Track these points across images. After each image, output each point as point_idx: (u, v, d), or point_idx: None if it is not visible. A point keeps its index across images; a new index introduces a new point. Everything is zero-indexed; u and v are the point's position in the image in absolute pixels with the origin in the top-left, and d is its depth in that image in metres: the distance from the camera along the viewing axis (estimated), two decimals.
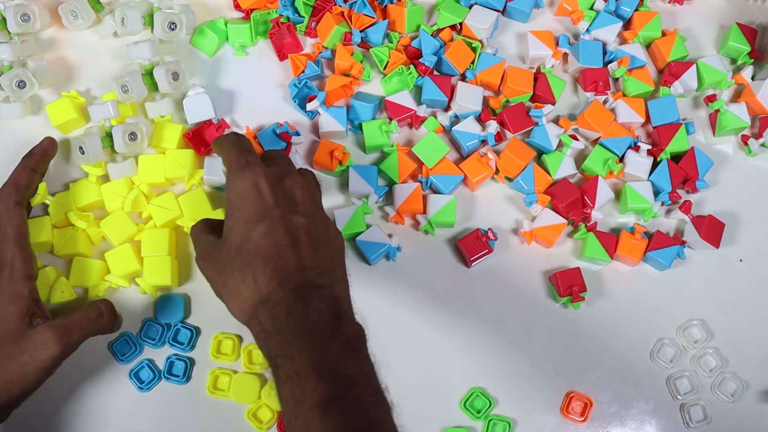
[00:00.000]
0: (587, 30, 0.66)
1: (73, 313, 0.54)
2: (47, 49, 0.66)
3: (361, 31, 0.64)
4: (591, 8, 0.67)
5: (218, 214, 0.60)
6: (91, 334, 0.54)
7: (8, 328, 0.52)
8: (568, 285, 0.59)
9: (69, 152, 0.62)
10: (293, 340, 0.43)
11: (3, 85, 0.60)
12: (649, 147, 0.62)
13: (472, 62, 0.65)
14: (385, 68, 0.64)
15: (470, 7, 0.66)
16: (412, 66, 0.64)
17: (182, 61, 0.63)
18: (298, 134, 0.62)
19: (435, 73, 0.65)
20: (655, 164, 0.63)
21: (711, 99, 0.64)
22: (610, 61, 0.65)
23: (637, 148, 0.63)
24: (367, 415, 0.41)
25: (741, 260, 0.63)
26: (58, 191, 0.61)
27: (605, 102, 0.64)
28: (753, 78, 0.66)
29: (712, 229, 0.61)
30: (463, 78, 0.65)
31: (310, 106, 0.62)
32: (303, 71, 0.64)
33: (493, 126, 0.62)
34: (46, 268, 0.59)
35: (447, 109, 0.64)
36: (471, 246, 0.60)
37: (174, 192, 0.61)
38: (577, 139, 0.63)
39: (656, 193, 0.62)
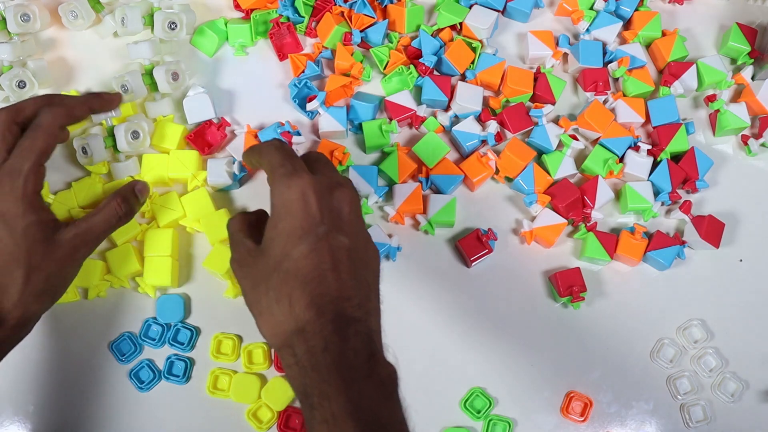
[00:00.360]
0: (587, 30, 0.66)
1: (94, 216, 0.54)
2: (47, 49, 0.66)
3: (361, 31, 0.64)
4: (591, 8, 0.67)
5: (221, 215, 0.60)
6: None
7: (35, 237, 0.50)
8: (568, 285, 0.59)
9: (70, 151, 0.62)
10: (330, 379, 0.41)
11: (3, 85, 0.60)
12: (649, 147, 0.62)
13: (472, 62, 0.65)
14: (385, 68, 0.64)
15: (470, 7, 0.66)
16: (412, 66, 0.64)
17: (182, 61, 0.63)
18: (299, 134, 0.62)
19: (435, 73, 0.65)
20: (655, 164, 0.63)
21: (711, 99, 0.64)
22: (610, 61, 0.65)
23: (637, 148, 0.63)
24: None
25: (741, 260, 0.63)
26: (60, 190, 0.61)
27: (605, 102, 0.64)
28: (753, 78, 0.66)
29: (712, 229, 0.61)
30: (463, 78, 0.65)
31: (310, 106, 0.62)
32: (303, 71, 0.64)
33: (493, 126, 0.62)
34: None
35: (447, 109, 0.64)
36: (471, 246, 0.60)
37: (177, 192, 0.61)
38: (577, 139, 0.63)
39: (656, 193, 0.62)
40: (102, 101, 0.57)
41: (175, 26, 0.62)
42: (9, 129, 0.52)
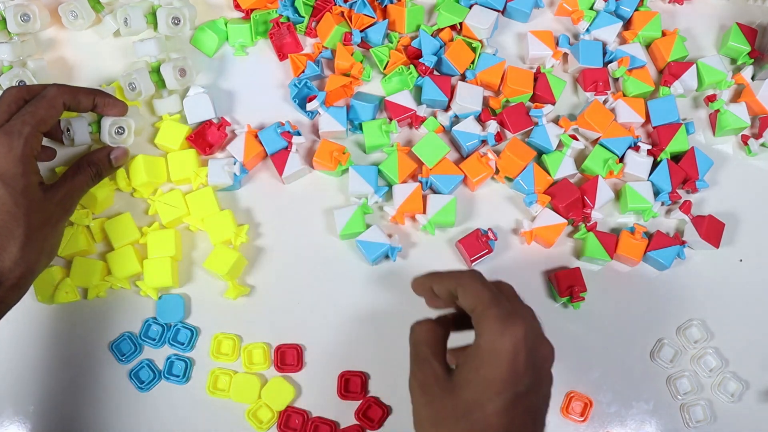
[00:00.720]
0: (587, 30, 0.66)
1: (74, 177, 0.56)
2: (47, 49, 0.66)
3: (361, 31, 0.64)
4: (591, 8, 0.67)
5: (226, 215, 0.60)
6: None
7: (34, 197, 0.52)
8: (568, 285, 0.59)
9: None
10: None
11: (3, 85, 0.60)
12: (649, 147, 0.62)
13: (472, 62, 0.65)
14: (385, 68, 0.64)
15: (470, 7, 0.66)
16: (412, 66, 0.64)
17: (188, 58, 0.63)
18: (299, 134, 0.62)
19: (435, 73, 0.65)
20: (655, 164, 0.63)
21: (711, 99, 0.64)
22: (610, 61, 0.65)
23: (637, 148, 0.63)
24: None
25: (741, 260, 0.63)
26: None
27: (605, 102, 0.64)
28: (753, 78, 0.66)
29: (712, 229, 0.61)
30: (463, 78, 0.65)
31: (310, 106, 0.62)
32: (303, 71, 0.64)
33: (493, 126, 0.62)
34: (52, 268, 0.59)
35: (447, 109, 0.64)
36: (471, 246, 0.60)
37: (181, 190, 0.62)
38: (577, 139, 0.63)
39: (656, 193, 0.62)
40: (107, 101, 0.58)
41: (179, 21, 0.62)
42: (16, 102, 0.54)
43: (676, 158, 0.63)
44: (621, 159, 0.63)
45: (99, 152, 0.59)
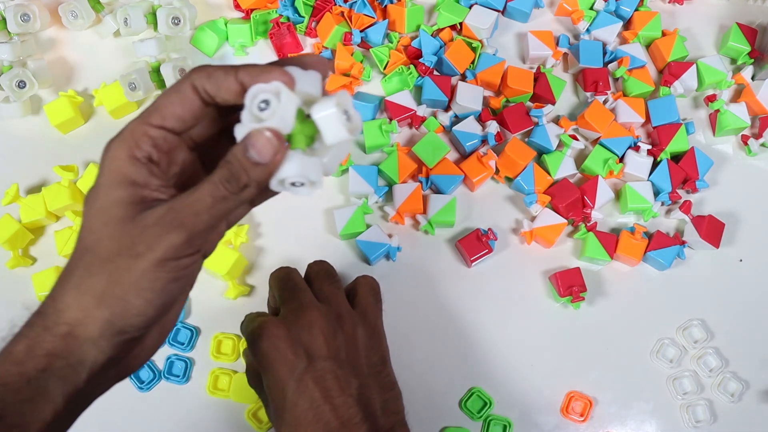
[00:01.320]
0: (587, 30, 0.66)
1: (194, 188, 0.36)
2: (47, 49, 0.66)
3: (361, 31, 0.64)
4: (591, 8, 0.67)
5: None
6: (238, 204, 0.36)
7: (110, 217, 0.35)
8: (568, 285, 0.59)
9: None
10: None
11: (3, 85, 0.60)
12: (649, 147, 0.62)
13: (472, 62, 0.65)
14: (385, 68, 0.64)
15: (470, 7, 0.66)
16: (412, 66, 0.64)
17: (188, 58, 0.63)
18: None
19: (435, 73, 0.65)
20: (655, 164, 0.63)
21: (711, 99, 0.64)
22: (610, 61, 0.65)
23: (637, 148, 0.63)
24: None
25: (741, 260, 0.63)
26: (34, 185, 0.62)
27: (605, 102, 0.64)
28: (753, 78, 0.66)
29: (712, 229, 0.61)
30: (463, 78, 0.65)
31: None
32: None
33: (493, 126, 0.62)
34: (52, 268, 0.59)
35: (447, 109, 0.64)
36: (471, 246, 0.60)
37: None
38: (577, 139, 0.63)
39: (656, 193, 0.62)
40: (251, 73, 0.35)
41: (179, 21, 0.62)
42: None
43: (676, 158, 0.63)
44: (621, 159, 0.63)
45: (236, 146, 0.35)
